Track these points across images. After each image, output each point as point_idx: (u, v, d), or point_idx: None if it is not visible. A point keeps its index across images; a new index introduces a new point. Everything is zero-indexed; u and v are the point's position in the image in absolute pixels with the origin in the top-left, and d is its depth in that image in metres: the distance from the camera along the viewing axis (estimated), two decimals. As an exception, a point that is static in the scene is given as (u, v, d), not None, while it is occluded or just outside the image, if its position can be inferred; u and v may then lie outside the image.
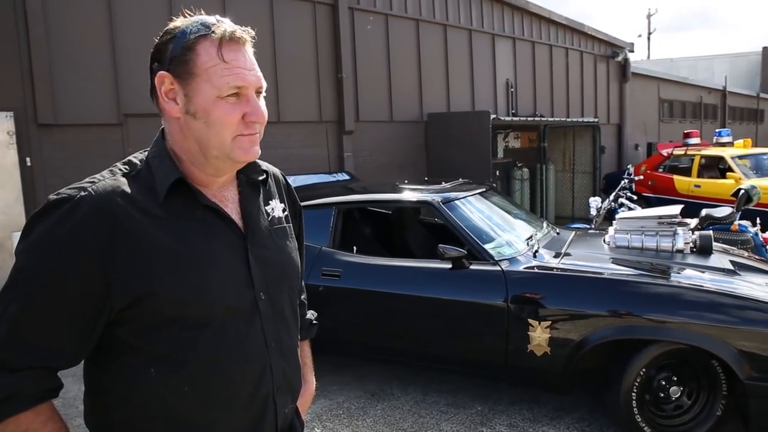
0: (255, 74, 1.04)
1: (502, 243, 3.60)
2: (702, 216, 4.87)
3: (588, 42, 12.99)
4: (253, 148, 1.06)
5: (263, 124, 1.08)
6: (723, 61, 29.92)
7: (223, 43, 1.01)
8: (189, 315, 1.00)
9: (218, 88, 1.00)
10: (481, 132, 8.24)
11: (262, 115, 1.04)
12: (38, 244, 0.95)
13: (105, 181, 1.00)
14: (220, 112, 1.01)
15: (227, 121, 1.02)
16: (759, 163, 9.30)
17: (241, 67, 1.02)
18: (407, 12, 8.83)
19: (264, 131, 1.09)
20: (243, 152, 1.05)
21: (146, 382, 1.00)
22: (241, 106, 1.02)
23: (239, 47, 1.03)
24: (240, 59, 1.02)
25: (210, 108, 1.01)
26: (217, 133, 1.02)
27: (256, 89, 1.05)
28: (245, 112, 1.03)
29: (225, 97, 1.01)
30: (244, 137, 1.04)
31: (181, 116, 1.03)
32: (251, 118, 1.03)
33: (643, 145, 15.41)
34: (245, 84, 1.02)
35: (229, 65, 1.00)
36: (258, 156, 1.09)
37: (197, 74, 1.01)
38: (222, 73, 1.00)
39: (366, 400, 3.79)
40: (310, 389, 1.39)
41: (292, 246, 1.22)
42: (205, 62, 1.00)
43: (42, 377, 0.97)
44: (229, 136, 1.03)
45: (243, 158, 1.06)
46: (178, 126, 1.05)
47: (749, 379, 2.80)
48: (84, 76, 5.64)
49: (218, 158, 1.05)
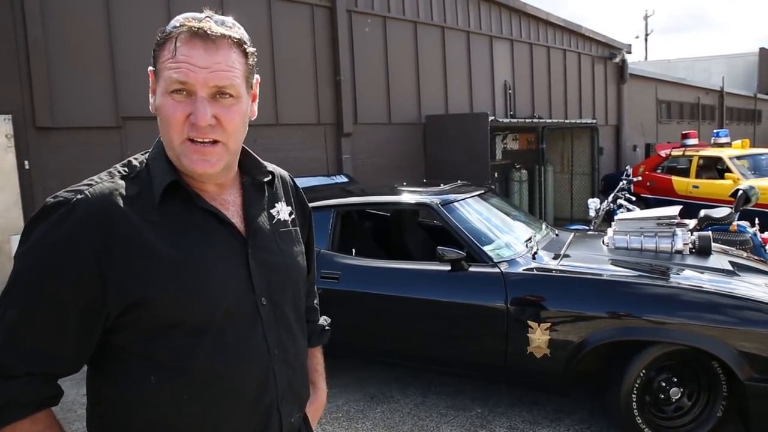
0: (209, 72, 0.95)
1: (501, 245, 3.60)
2: (701, 217, 4.87)
3: (585, 43, 13.01)
4: (203, 159, 0.98)
5: (228, 133, 0.99)
6: (720, 62, 29.97)
7: (180, 38, 0.96)
8: (187, 321, 0.98)
9: (165, 81, 0.97)
10: (479, 134, 8.24)
11: (202, 117, 0.95)
12: (35, 249, 0.95)
13: (102, 184, 0.99)
14: (166, 109, 0.97)
15: (171, 120, 0.97)
16: (757, 164, 9.32)
17: (190, 62, 0.95)
18: (405, 14, 8.83)
19: (262, 133, 1.06)
20: (189, 161, 0.98)
21: (145, 390, 0.98)
22: (186, 105, 0.96)
23: (200, 43, 0.95)
24: (193, 55, 0.95)
25: (160, 104, 0.98)
26: (166, 132, 0.99)
27: (215, 90, 0.97)
28: (190, 113, 0.96)
29: (171, 93, 0.96)
30: (191, 145, 0.98)
31: (155, 112, 1.02)
32: (192, 119, 0.96)
33: (641, 146, 15.43)
34: (187, 80, 0.95)
35: (177, 60, 0.95)
36: (213, 170, 1.00)
37: (159, 70, 0.99)
38: (169, 67, 0.96)
39: (365, 403, 3.78)
40: (320, 397, 1.33)
41: (297, 250, 1.19)
42: (163, 56, 0.98)
43: (40, 384, 0.95)
44: (177, 138, 0.98)
45: (189, 168, 0.99)
46: None
47: (749, 380, 2.80)
48: (82, 79, 5.63)
49: (176, 161, 1.01)
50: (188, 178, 1.04)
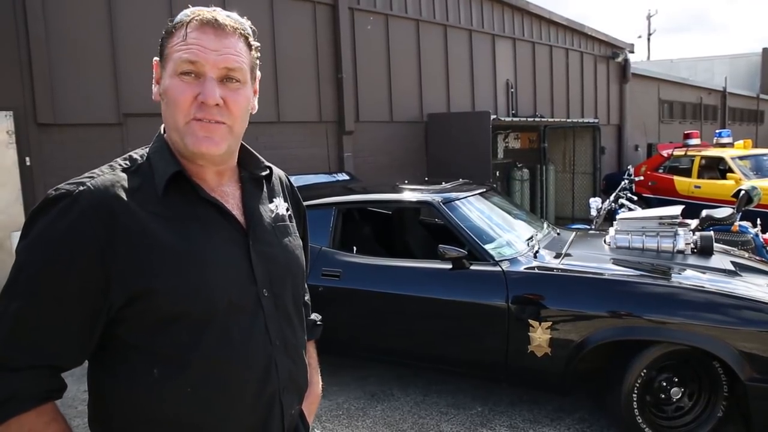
0: (219, 55, 0.99)
1: (502, 243, 3.59)
2: (702, 217, 4.87)
3: (588, 43, 12.99)
4: (207, 137, 1.00)
5: (234, 116, 1.02)
6: (723, 62, 29.91)
7: (191, 25, 0.99)
8: (189, 312, 0.98)
9: (174, 62, 0.99)
10: (481, 132, 8.23)
11: (211, 96, 0.98)
12: (37, 242, 0.95)
13: (104, 176, 0.99)
14: (174, 90, 0.99)
15: (178, 100, 0.99)
16: (759, 164, 9.30)
17: (201, 45, 0.98)
18: (407, 12, 8.82)
19: (263, 131, 1.07)
20: (194, 140, 1.00)
21: (148, 383, 0.98)
22: (195, 86, 0.99)
23: (212, 30, 0.99)
24: (205, 39, 0.98)
25: (168, 86, 1.00)
26: (172, 114, 1.00)
27: (223, 73, 1.00)
28: (198, 92, 0.98)
29: (179, 75, 0.98)
30: (197, 123, 1.00)
31: (158, 99, 1.04)
32: (201, 98, 0.98)
33: (643, 145, 15.41)
34: (197, 59, 0.98)
35: (187, 42, 0.98)
36: (216, 150, 1.02)
37: (167, 55, 1.01)
38: (179, 49, 0.99)
39: (366, 401, 3.79)
40: (315, 391, 1.34)
41: (296, 244, 1.20)
42: (173, 42, 1.00)
43: (44, 377, 0.95)
44: (182, 119, 1.00)
45: (194, 147, 1.00)
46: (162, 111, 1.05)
47: (750, 380, 2.80)
48: (84, 76, 5.63)
49: (178, 143, 1.03)
50: (190, 165, 1.05)
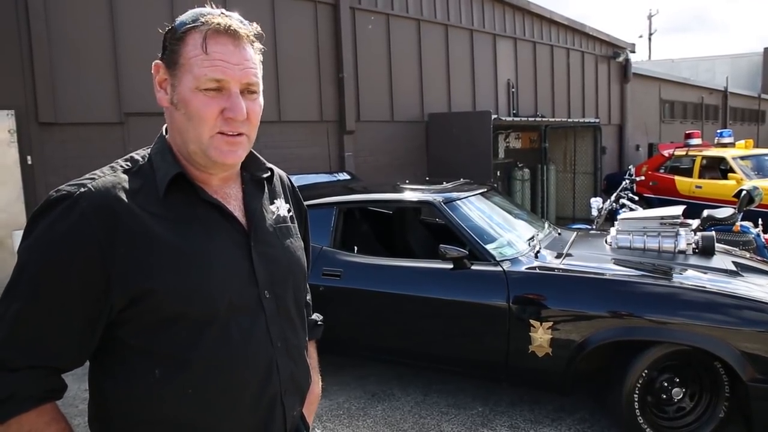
0: (241, 69, 0.99)
1: (503, 243, 3.59)
2: (704, 217, 4.86)
3: (589, 42, 12.98)
4: (232, 150, 1.02)
5: (252, 126, 1.03)
6: (724, 62, 29.88)
7: (209, 34, 0.98)
8: (190, 313, 0.98)
9: (197, 78, 0.98)
10: (482, 132, 8.23)
11: (240, 112, 0.99)
12: (38, 243, 0.95)
13: (105, 178, 0.99)
14: (198, 104, 0.98)
15: (204, 115, 0.98)
16: (760, 164, 9.28)
17: (225, 60, 0.98)
18: (408, 12, 8.82)
19: (264, 131, 1.07)
20: (218, 153, 1.01)
21: (149, 384, 0.98)
22: (220, 100, 0.99)
23: (229, 40, 0.99)
24: (226, 52, 0.98)
25: (189, 99, 0.99)
26: (195, 127, 1.00)
27: (245, 86, 1.01)
28: (224, 108, 0.99)
29: (204, 90, 0.98)
30: (221, 137, 1.00)
31: (168, 106, 1.03)
32: (229, 114, 0.99)
33: (644, 145, 15.40)
34: (224, 77, 0.98)
35: (210, 57, 0.97)
36: (238, 161, 1.05)
37: (182, 64, 0.99)
38: (202, 64, 0.97)
39: (366, 401, 3.78)
40: (315, 391, 1.34)
41: (297, 245, 1.20)
42: (189, 52, 0.98)
43: (43, 377, 0.95)
44: (207, 133, 1.00)
45: (218, 159, 1.01)
46: (169, 117, 1.05)
47: (752, 380, 2.79)
48: (85, 75, 5.63)
49: (196, 153, 1.02)
50: (192, 170, 1.05)
